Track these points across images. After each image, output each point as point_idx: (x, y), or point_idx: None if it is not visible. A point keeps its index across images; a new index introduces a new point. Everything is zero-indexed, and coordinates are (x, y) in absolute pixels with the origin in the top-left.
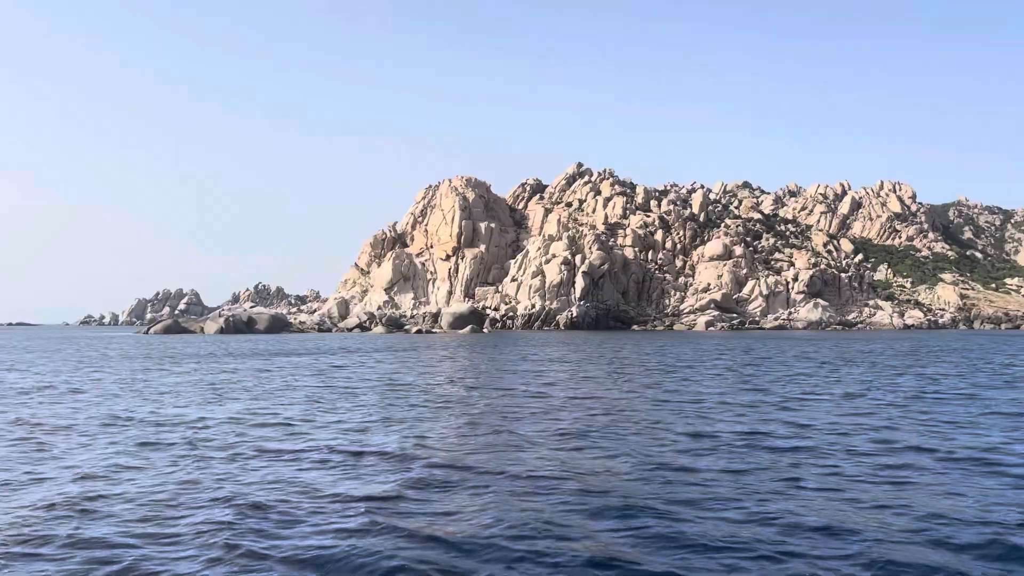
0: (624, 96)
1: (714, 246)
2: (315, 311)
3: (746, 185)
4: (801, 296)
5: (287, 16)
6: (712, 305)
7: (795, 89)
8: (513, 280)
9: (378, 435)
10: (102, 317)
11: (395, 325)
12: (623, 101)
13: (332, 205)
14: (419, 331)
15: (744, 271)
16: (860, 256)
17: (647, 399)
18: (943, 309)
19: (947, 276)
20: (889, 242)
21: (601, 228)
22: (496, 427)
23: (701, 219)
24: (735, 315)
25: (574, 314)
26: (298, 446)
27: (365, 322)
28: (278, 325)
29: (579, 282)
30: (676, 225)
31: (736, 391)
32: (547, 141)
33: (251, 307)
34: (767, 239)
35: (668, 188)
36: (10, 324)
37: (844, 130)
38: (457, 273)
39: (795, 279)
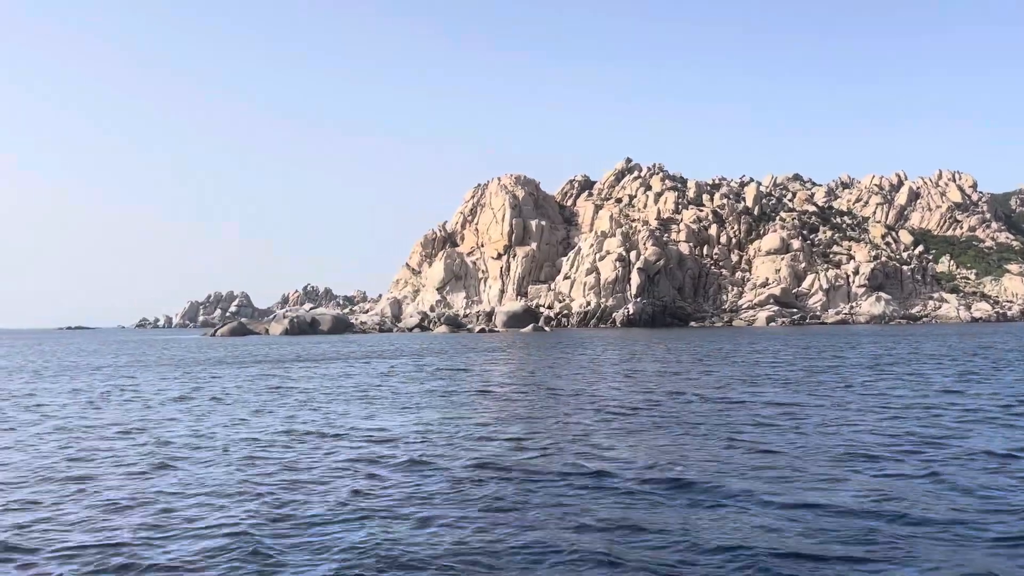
0: (645, 95)
1: (771, 240)
2: (368, 311)
3: (796, 177)
4: (863, 290)
5: (298, 16)
6: (771, 300)
7: (835, 82)
8: (566, 278)
9: (628, 456)
10: (156, 320)
11: (455, 324)
12: (648, 100)
13: (355, 207)
14: (481, 330)
15: (802, 265)
16: (921, 248)
17: (876, 408)
18: (1011, 301)
19: (1013, 267)
20: (950, 233)
21: (654, 223)
22: (755, 446)
23: (755, 213)
24: (795, 310)
25: (631, 311)
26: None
27: (423, 321)
28: (340, 326)
29: (634, 279)
30: (730, 219)
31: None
32: (581, 141)
33: (310, 308)
34: (824, 232)
35: (719, 182)
36: (69, 328)
37: (895, 121)
38: (509, 272)
39: (855, 272)
